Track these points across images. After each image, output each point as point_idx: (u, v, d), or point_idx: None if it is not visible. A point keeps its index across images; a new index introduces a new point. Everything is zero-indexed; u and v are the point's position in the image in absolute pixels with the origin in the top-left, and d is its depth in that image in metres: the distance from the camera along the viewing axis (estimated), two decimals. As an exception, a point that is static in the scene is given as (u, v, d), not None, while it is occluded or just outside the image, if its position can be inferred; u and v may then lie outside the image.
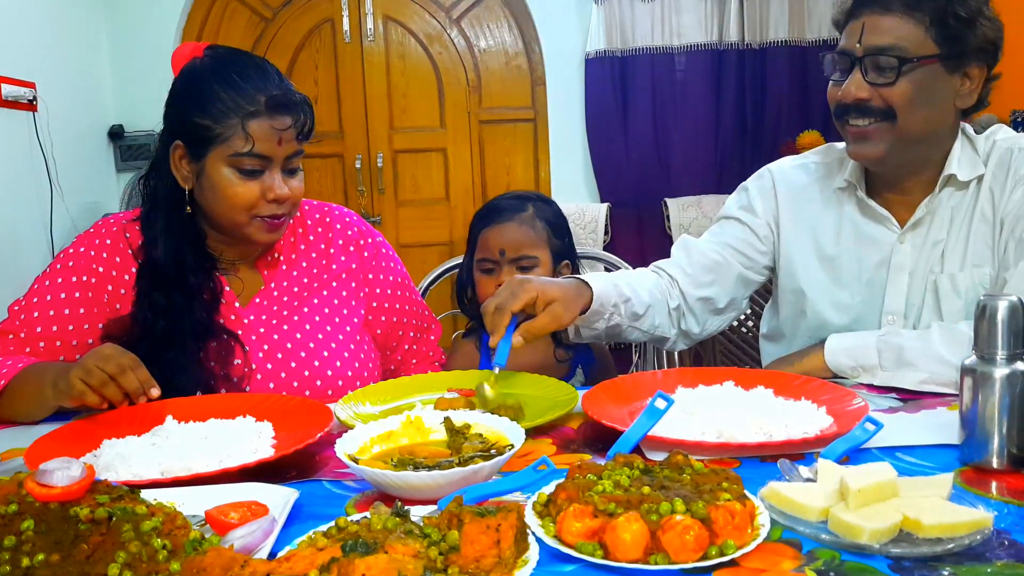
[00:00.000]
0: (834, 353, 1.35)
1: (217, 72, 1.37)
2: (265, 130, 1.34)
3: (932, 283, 1.40)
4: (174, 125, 1.40)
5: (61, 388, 1.18)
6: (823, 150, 1.58)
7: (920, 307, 1.42)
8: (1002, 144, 1.41)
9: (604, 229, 4.08)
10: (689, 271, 1.54)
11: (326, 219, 1.59)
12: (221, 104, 1.34)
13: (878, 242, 1.45)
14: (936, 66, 1.32)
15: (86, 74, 3.94)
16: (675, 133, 4.19)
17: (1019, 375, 0.93)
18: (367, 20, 4.28)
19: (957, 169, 1.38)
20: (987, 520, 0.77)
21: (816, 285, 1.50)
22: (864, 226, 1.47)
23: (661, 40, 4.15)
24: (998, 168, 1.38)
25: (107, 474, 0.98)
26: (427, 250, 4.27)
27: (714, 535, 0.74)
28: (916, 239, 1.42)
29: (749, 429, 1.03)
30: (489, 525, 0.71)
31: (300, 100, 1.38)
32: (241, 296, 1.47)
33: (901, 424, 1.12)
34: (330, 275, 1.54)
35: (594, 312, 1.38)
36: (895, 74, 1.31)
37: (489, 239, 1.67)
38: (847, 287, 1.48)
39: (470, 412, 1.08)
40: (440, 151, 4.40)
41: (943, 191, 1.40)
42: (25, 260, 3.31)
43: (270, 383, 1.40)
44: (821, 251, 1.51)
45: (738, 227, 1.57)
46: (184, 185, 1.40)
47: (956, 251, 1.39)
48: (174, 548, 0.72)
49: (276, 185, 1.37)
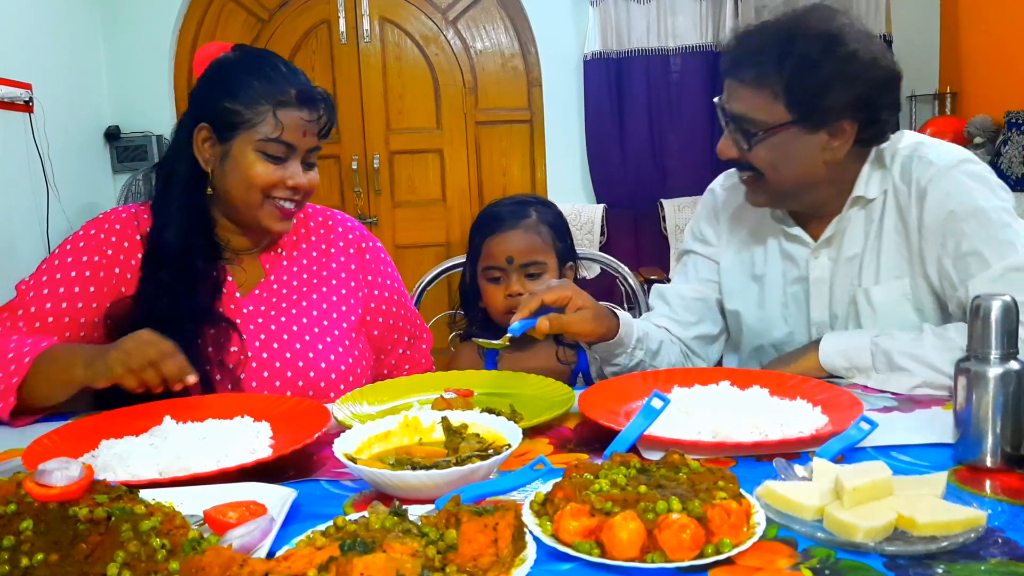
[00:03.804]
0: (828, 355, 1.36)
1: (249, 64, 1.43)
2: (294, 119, 1.40)
3: (852, 296, 1.42)
4: (201, 110, 1.44)
5: (98, 369, 1.20)
6: None
7: (845, 319, 1.44)
8: (903, 152, 1.40)
9: (600, 230, 4.09)
10: (675, 317, 1.56)
11: (328, 222, 1.63)
12: (253, 91, 1.39)
13: (795, 259, 1.48)
14: (793, 129, 1.32)
15: (82, 75, 3.94)
16: (671, 134, 4.21)
17: (1012, 374, 0.94)
18: (363, 21, 4.28)
19: (864, 191, 1.40)
20: (981, 518, 0.78)
21: (747, 305, 1.54)
22: (784, 245, 1.50)
23: (657, 42, 4.16)
24: (901, 178, 1.38)
25: (105, 474, 0.98)
26: (423, 251, 4.27)
27: (710, 534, 0.74)
28: (832, 252, 1.44)
29: (745, 428, 1.04)
30: (487, 524, 0.71)
31: (325, 97, 1.45)
32: (242, 287, 1.49)
33: (896, 423, 1.13)
34: (330, 273, 1.56)
35: (618, 342, 1.40)
36: (752, 141, 1.34)
37: (494, 247, 1.67)
38: (775, 304, 1.51)
39: (467, 412, 1.08)
40: (436, 152, 4.41)
41: (851, 209, 1.42)
42: (21, 261, 3.31)
43: (264, 372, 1.42)
44: (752, 271, 1.54)
45: (700, 260, 1.60)
46: (205, 167, 1.44)
47: (871, 265, 1.41)
48: (173, 548, 0.72)
49: (297, 173, 1.42)
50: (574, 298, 1.31)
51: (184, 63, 4.26)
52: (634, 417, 1.02)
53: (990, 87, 3.90)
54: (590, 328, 1.34)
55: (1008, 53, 3.73)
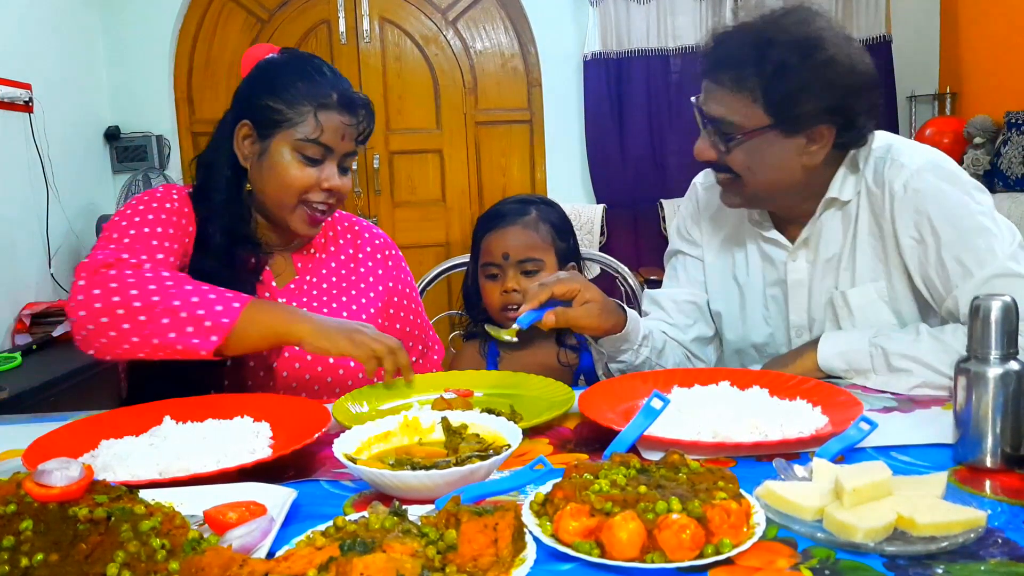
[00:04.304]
0: (827, 356, 1.35)
1: (295, 65, 1.46)
2: (334, 122, 1.42)
3: (829, 299, 1.42)
4: (244, 107, 1.46)
5: (358, 342, 1.25)
6: None
7: (823, 321, 1.44)
8: (875, 154, 1.39)
9: (600, 230, 4.09)
10: (670, 320, 1.56)
11: (355, 227, 1.67)
12: (296, 91, 1.42)
13: (774, 261, 1.48)
14: (771, 134, 1.31)
15: (82, 75, 3.94)
16: (670, 134, 4.20)
17: (1012, 375, 0.94)
18: (363, 21, 4.28)
19: (839, 192, 1.39)
20: (980, 519, 0.78)
21: (729, 307, 1.54)
22: (763, 247, 1.50)
23: (656, 42, 4.16)
24: (874, 180, 1.38)
25: (105, 475, 0.98)
26: (424, 251, 4.27)
27: (710, 534, 0.74)
28: (808, 255, 1.44)
29: (744, 429, 1.04)
30: (486, 524, 0.71)
31: (366, 104, 1.47)
32: (278, 279, 1.53)
33: (895, 424, 1.13)
34: (358, 277, 1.60)
35: (624, 337, 1.39)
36: (728, 143, 1.33)
37: (492, 244, 1.67)
38: (756, 306, 1.51)
39: (467, 412, 1.08)
40: (436, 152, 4.41)
41: (826, 212, 1.41)
42: (21, 261, 3.31)
43: (296, 363, 1.45)
44: (732, 273, 1.54)
45: (688, 261, 1.60)
46: (244, 164, 1.46)
47: (847, 268, 1.41)
48: (173, 548, 0.72)
49: (333, 175, 1.44)
50: (582, 291, 1.31)
51: (184, 63, 4.27)
52: (634, 417, 1.02)
53: (990, 87, 3.90)
54: (596, 322, 1.33)
55: (1008, 53, 3.72)
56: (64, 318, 3.24)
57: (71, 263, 3.67)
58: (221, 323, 1.22)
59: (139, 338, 1.22)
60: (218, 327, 1.22)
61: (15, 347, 3.07)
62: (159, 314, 1.22)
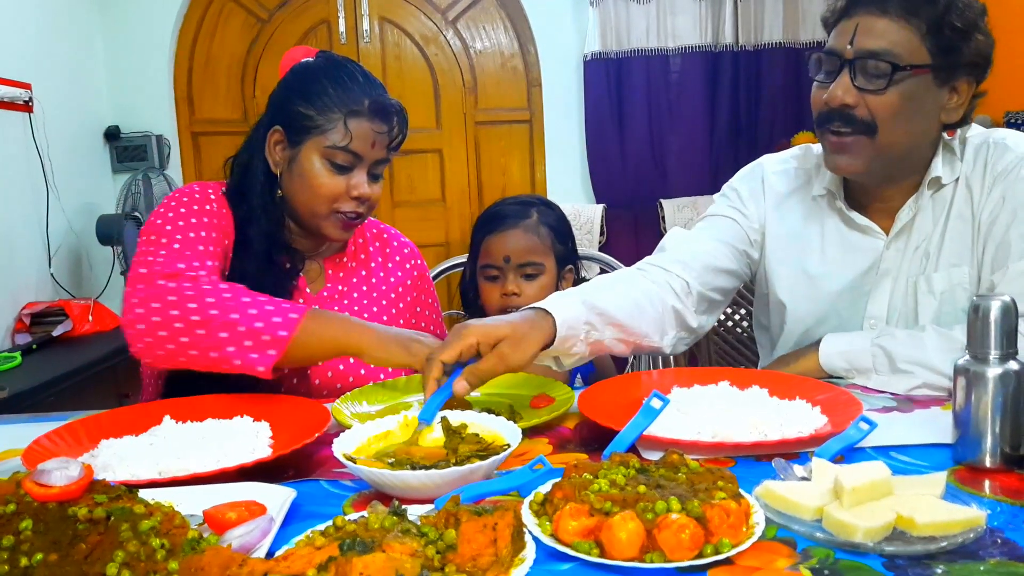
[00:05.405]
0: (828, 356, 1.35)
1: (328, 71, 1.44)
2: (364, 130, 1.41)
3: (912, 285, 1.39)
4: (276, 112, 1.46)
5: (415, 352, 1.23)
6: (801, 154, 1.54)
7: (901, 310, 1.41)
8: (974, 140, 1.38)
9: (600, 230, 4.09)
10: (694, 266, 1.45)
11: (383, 235, 1.67)
12: (327, 98, 1.41)
13: (864, 251, 1.43)
14: (927, 77, 1.28)
15: (82, 75, 3.94)
16: (670, 134, 4.20)
17: (1012, 375, 0.94)
18: (363, 21, 4.28)
19: (941, 172, 1.36)
20: (980, 518, 0.78)
21: (799, 299, 1.48)
22: (848, 236, 1.44)
23: (656, 42, 4.15)
24: (974, 165, 1.36)
25: (105, 474, 0.98)
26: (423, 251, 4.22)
27: (709, 534, 0.74)
28: (900, 244, 1.40)
29: (744, 428, 1.04)
30: (486, 524, 0.72)
31: (399, 111, 1.46)
32: (311, 284, 1.53)
33: (895, 423, 1.13)
34: (388, 286, 1.61)
35: (563, 339, 1.21)
36: (885, 81, 1.26)
37: (493, 246, 1.67)
38: (831, 299, 1.45)
39: (467, 412, 1.09)
40: (436, 152, 4.41)
41: (926, 192, 1.38)
42: (21, 261, 3.31)
43: (328, 371, 1.45)
44: (806, 266, 1.47)
45: (732, 226, 1.51)
46: (275, 170, 1.46)
47: (934, 252, 1.38)
48: (172, 547, 0.72)
49: (362, 183, 1.43)
50: (481, 340, 1.12)
51: (184, 63, 4.26)
52: (633, 417, 1.02)
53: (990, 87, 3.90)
54: (511, 359, 1.12)
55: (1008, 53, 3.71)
56: (64, 317, 3.24)
57: (71, 263, 3.67)
58: (279, 336, 1.21)
59: (197, 351, 1.21)
60: (276, 340, 1.20)
61: (15, 347, 3.06)
62: (217, 327, 1.21)
